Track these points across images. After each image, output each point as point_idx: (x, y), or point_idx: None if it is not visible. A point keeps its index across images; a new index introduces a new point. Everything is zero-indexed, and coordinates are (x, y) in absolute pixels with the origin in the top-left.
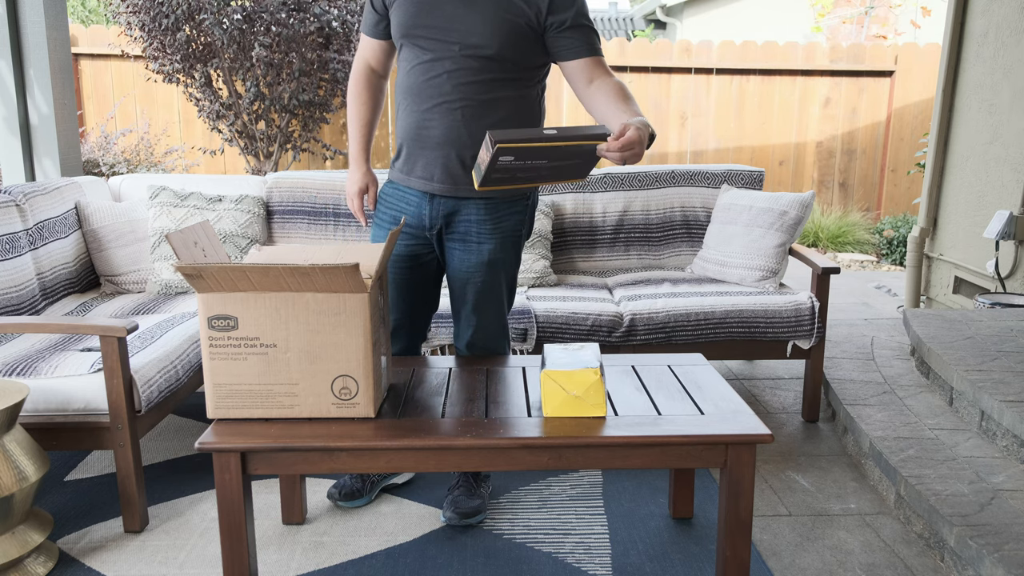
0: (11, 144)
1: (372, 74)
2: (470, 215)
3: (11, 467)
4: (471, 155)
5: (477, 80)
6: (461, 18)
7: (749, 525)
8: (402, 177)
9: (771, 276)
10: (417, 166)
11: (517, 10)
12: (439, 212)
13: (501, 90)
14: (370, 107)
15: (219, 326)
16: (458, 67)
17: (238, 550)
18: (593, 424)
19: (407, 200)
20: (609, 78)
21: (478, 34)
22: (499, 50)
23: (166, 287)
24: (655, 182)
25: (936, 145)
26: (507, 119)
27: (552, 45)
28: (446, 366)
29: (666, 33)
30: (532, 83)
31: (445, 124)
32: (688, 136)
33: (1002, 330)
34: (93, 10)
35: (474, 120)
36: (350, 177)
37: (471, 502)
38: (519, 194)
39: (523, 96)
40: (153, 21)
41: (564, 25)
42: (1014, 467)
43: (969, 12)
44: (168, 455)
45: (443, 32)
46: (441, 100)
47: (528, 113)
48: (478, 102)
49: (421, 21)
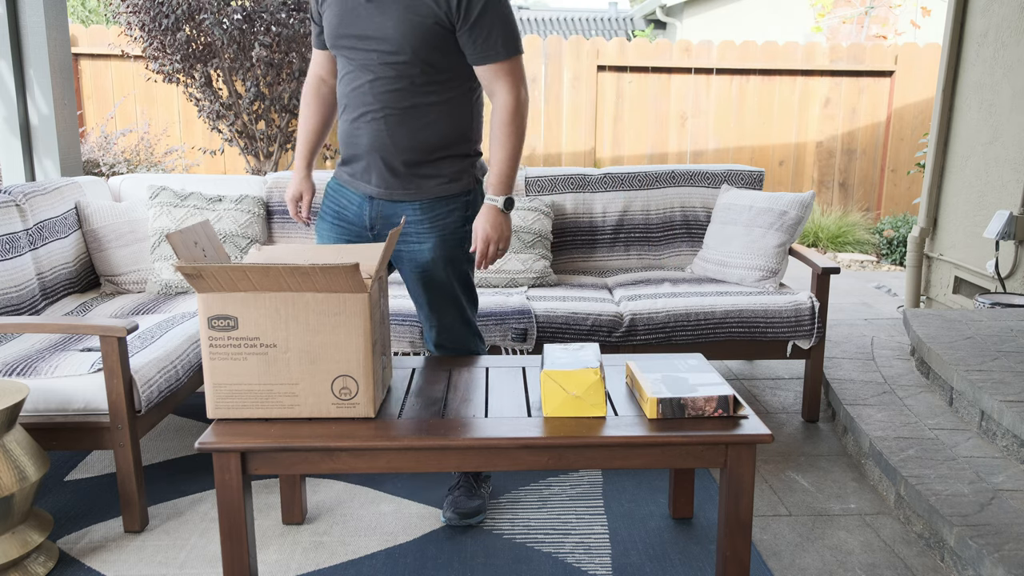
0: (11, 144)
1: (321, 84)
2: (409, 215)
3: (11, 467)
4: (400, 161)
5: (397, 88)
6: (376, 25)
7: (749, 525)
8: (343, 178)
9: (771, 276)
10: (355, 170)
11: (426, 10)
12: (378, 213)
13: (423, 96)
14: (316, 117)
15: (219, 326)
16: (377, 76)
17: (238, 550)
18: (593, 424)
19: (349, 198)
20: (500, 99)
21: (391, 40)
22: (414, 55)
23: (166, 287)
24: (655, 182)
25: (936, 145)
26: (433, 124)
27: (462, 47)
28: (446, 366)
29: (666, 33)
30: (460, 87)
31: (371, 133)
32: (688, 136)
33: (1002, 330)
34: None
35: (398, 128)
36: (290, 182)
37: (471, 502)
38: (458, 191)
39: (449, 101)
40: (153, 21)
41: (466, 25)
42: (1014, 467)
43: (969, 12)
44: (168, 455)
45: (362, 41)
46: (366, 110)
47: (458, 118)
48: (400, 109)
49: (343, 31)
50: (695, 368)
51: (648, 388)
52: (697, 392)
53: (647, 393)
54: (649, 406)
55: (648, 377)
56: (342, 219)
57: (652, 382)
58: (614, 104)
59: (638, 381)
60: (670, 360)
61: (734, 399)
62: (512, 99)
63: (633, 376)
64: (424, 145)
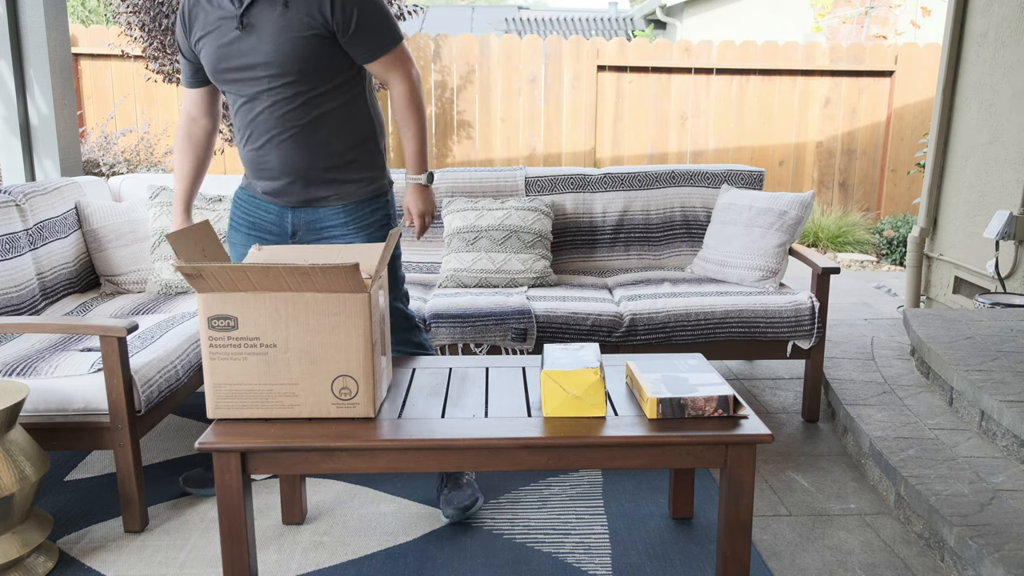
0: (11, 144)
1: (194, 125)
2: (332, 220)
3: (11, 467)
4: (317, 172)
5: (295, 107)
6: (257, 53)
7: (749, 525)
8: (256, 191)
9: (771, 276)
10: (269, 188)
11: (302, 25)
12: (300, 220)
13: (320, 107)
14: (190, 159)
15: (219, 326)
16: (273, 100)
17: (238, 550)
18: (593, 424)
19: (265, 209)
20: (396, 87)
21: (275, 64)
22: (300, 72)
23: (166, 287)
24: (655, 182)
25: (936, 145)
26: (337, 130)
27: (349, 51)
28: (446, 366)
29: (666, 33)
30: (353, 87)
31: (281, 156)
32: (688, 136)
33: (1002, 330)
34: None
35: (305, 144)
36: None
37: (464, 493)
38: (378, 191)
39: (347, 103)
40: (153, 21)
41: (348, 33)
42: (1014, 467)
43: (969, 12)
44: (168, 455)
45: (247, 71)
46: (271, 136)
47: (359, 116)
48: (303, 127)
49: (225, 65)
50: (695, 368)
51: (648, 388)
52: (697, 392)
53: (647, 393)
54: (649, 406)
55: (648, 377)
56: (258, 229)
57: (652, 382)
58: (614, 104)
59: (638, 381)
60: (670, 360)
61: (734, 399)
62: (406, 82)
63: (633, 376)
64: (336, 151)
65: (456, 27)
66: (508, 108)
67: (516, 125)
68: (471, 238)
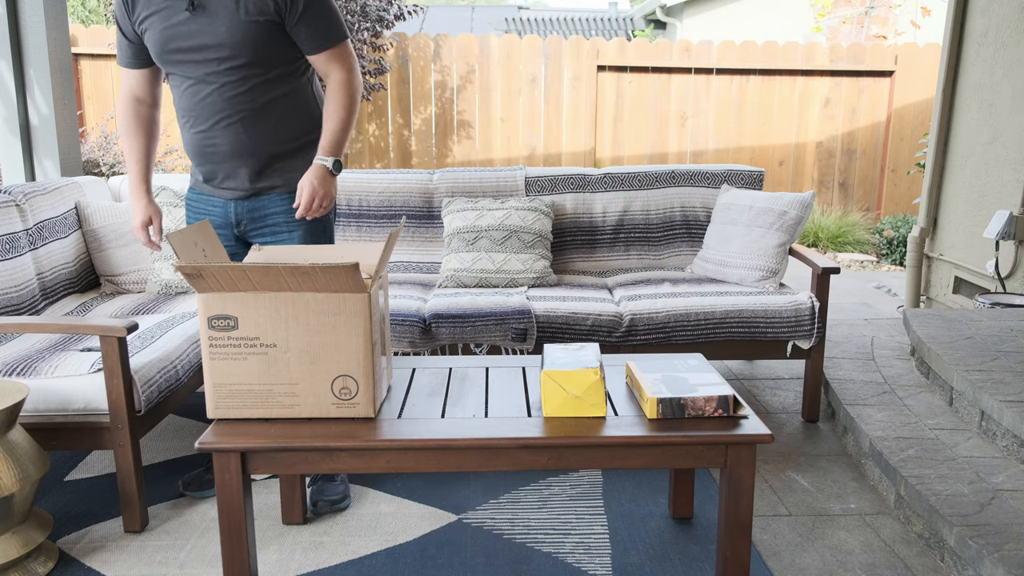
0: (11, 144)
1: (140, 105)
2: (275, 207)
3: (11, 467)
4: (263, 159)
5: (246, 90)
6: (209, 34)
7: (749, 525)
8: (202, 186)
9: (771, 276)
10: (214, 178)
11: (256, 10)
12: (244, 210)
13: (271, 92)
14: (142, 140)
15: (219, 326)
16: (223, 82)
17: (238, 550)
18: (593, 424)
19: (212, 203)
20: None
21: (228, 45)
22: (253, 55)
23: (166, 287)
24: (655, 182)
25: (936, 145)
26: (285, 117)
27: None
28: (446, 366)
29: (666, 33)
30: (300, 76)
31: (228, 139)
32: (688, 136)
33: (1002, 330)
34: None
35: (254, 128)
36: (133, 211)
37: (337, 487)
38: None
39: (294, 91)
40: None
41: (294, 19)
42: (1014, 467)
43: (969, 12)
44: (168, 455)
45: (198, 52)
46: (219, 117)
47: (304, 106)
48: (253, 110)
49: (173, 46)
50: (695, 368)
51: (648, 388)
52: (697, 392)
53: (647, 393)
54: (649, 406)
55: (648, 377)
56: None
57: (652, 382)
58: (614, 104)
59: (638, 381)
60: (670, 360)
61: (734, 399)
62: (345, 75)
63: (633, 376)
64: (283, 138)
65: (456, 27)
66: (508, 108)
67: (516, 125)
68: (471, 238)
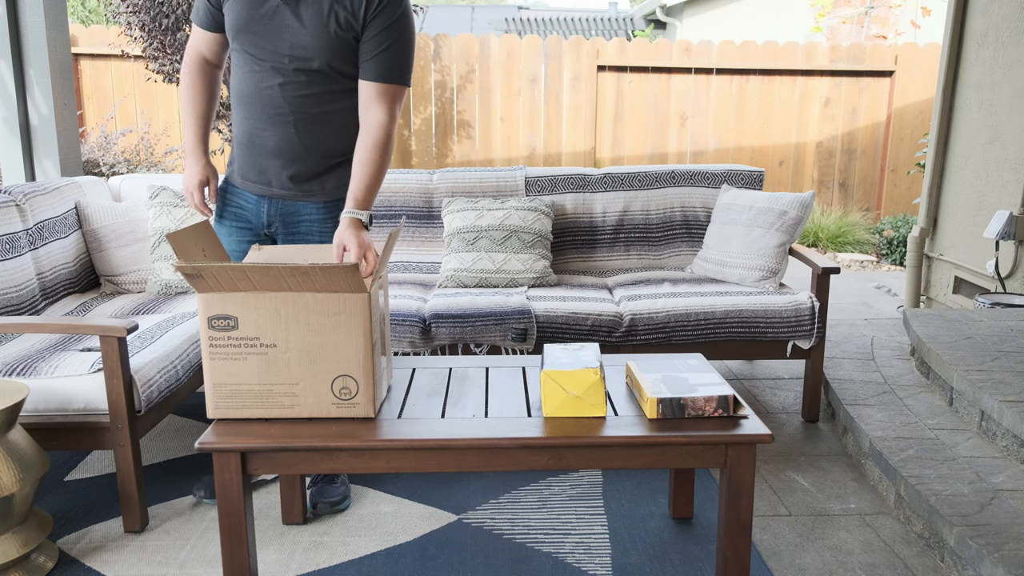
0: (11, 144)
1: (206, 64)
2: (310, 215)
3: (11, 467)
4: (307, 165)
5: (309, 93)
6: (292, 31)
7: (749, 525)
8: (239, 180)
9: (771, 276)
10: (252, 172)
11: (346, 25)
12: (277, 212)
13: (333, 103)
14: (205, 97)
15: (219, 326)
16: (288, 80)
17: (238, 550)
18: (593, 424)
19: (245, 198)
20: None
21: (308, 48)
22: (327, 63)
23: (166, 287)
24: (655, 182)
25: (936, 145)
26: (340, 130)
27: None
28: (446, 366)
29: (666, 33)
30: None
31: (279, 135)
32: (688, 136)
33: (1002, 330)
34: (93, 10)
35: (307, 133)
36: (187, 171)
37: (337, 489)
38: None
39: (350, 108)
40: (153, 21)
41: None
42: (1014, 467)
43: (969, 12)
44: (168, 455)
45: (274, 43)
46: (275, 112)
47: (353, 125)
48: (311, 115)
49: (252, 28)
50: (695, 368)
51: (648, 388)
52: (697, 392)
53: (647, 393)
54: (649, 406)
55: (648, 377)
56: (240, 220)
57: (652, 382)
58: (614, 104)
59: (638, 381)
60: (670, 360)
61: (734, 399)
62: (387, 120)
63: (633, 376)
64: (330, 151)
65: (456, 27)
66: (508, 108)
67: (516, 125)
68: (471, 238)
